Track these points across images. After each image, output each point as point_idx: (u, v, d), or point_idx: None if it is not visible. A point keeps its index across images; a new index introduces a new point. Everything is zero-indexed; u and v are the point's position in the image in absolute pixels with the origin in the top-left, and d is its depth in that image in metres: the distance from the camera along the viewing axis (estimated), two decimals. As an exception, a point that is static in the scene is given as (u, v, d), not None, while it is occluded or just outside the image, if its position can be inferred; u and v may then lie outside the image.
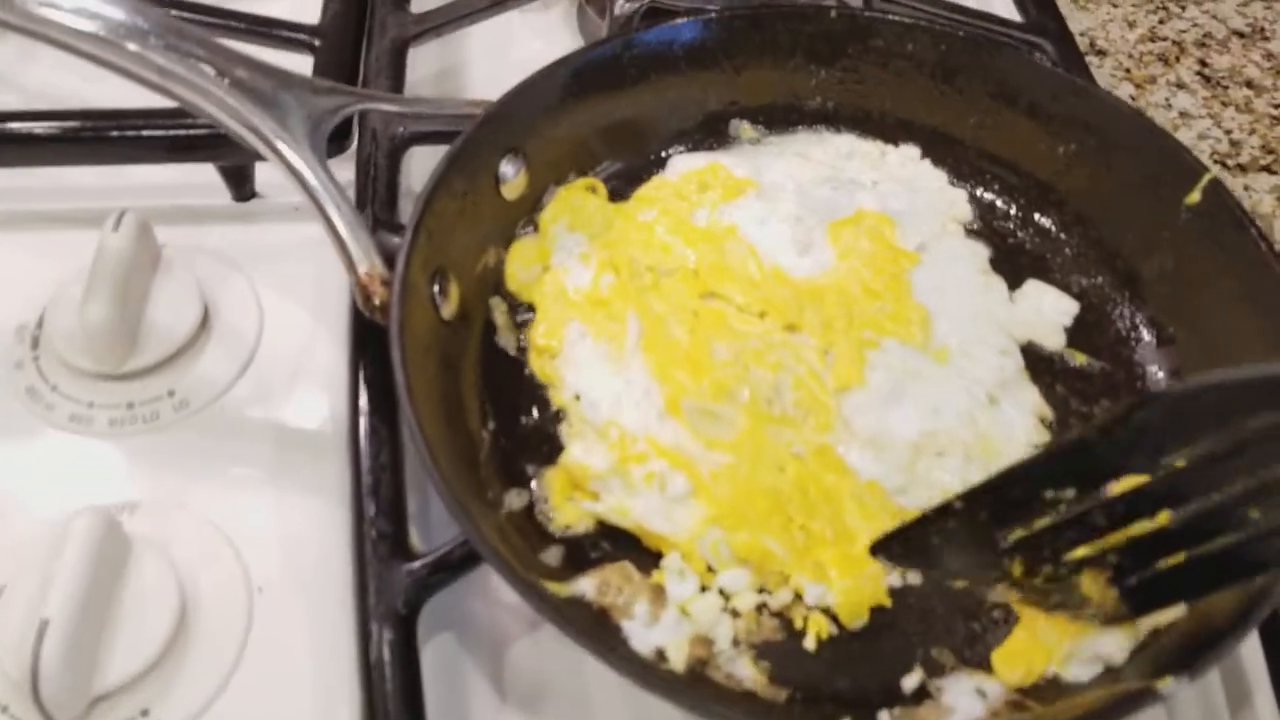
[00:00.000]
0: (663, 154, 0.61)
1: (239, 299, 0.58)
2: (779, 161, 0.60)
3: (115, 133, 0.58)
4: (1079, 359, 0.55)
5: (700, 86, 0.60)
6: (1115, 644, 0.43)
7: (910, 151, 0.61)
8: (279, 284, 0.58)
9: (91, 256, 0.53)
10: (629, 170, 0.60)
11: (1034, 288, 0.57)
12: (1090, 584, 0.42)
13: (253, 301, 0.58)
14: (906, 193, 0.59)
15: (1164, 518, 0.39)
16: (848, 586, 0.45)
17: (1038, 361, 0.54)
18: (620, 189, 0.59)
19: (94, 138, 0.58)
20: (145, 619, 0.45)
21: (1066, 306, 0.56)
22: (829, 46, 0.60)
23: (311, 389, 0.55)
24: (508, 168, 0.54)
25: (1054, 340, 0.55)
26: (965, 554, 0.43)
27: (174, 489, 0.51)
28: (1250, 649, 0.47)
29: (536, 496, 0.49)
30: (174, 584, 0.46)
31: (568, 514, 0.48)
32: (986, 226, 0.60)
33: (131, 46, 0.47)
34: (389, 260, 0.47)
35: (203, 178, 0.61)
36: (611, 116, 0.58)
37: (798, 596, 0.46)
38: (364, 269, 0.46)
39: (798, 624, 0.45)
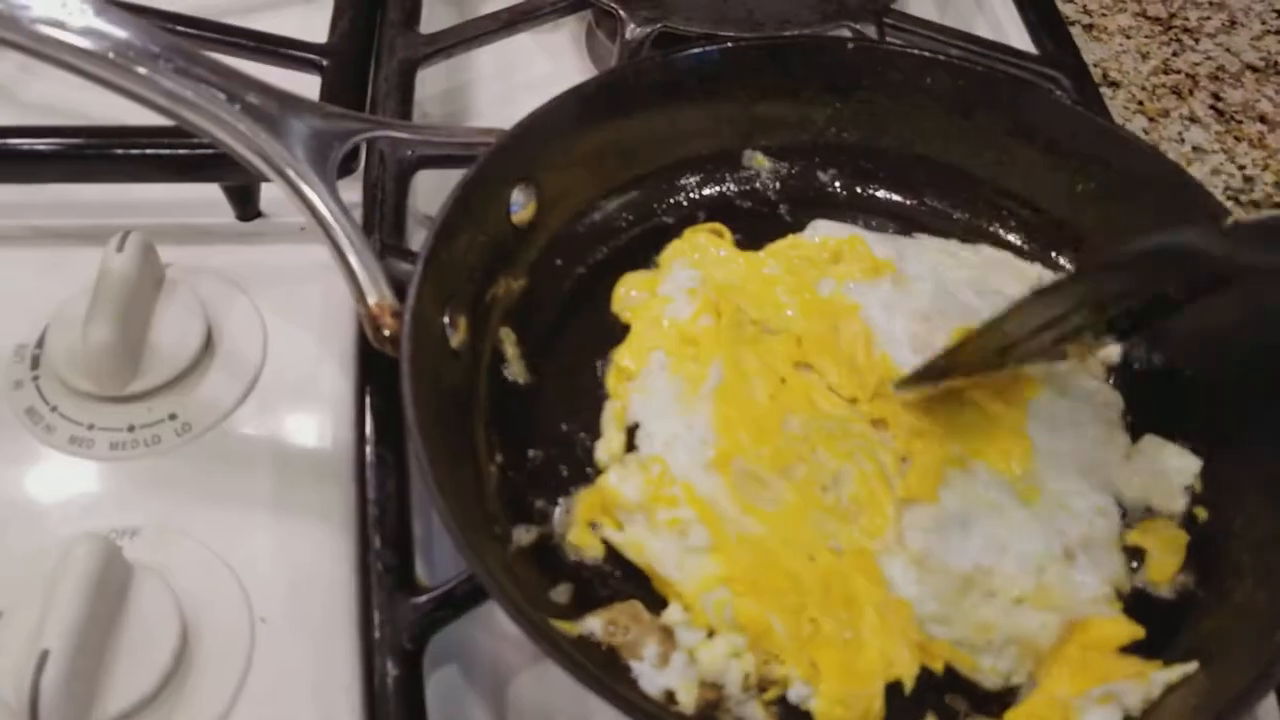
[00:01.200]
0: (678, 182, 0.61)
1: (243, 321, 0.57)
2: (924, 253, 0.58)
3: (120, 150, 0.58)
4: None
5: (714, 116, 0.60)
6: (1132, 698, 0.43)
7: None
8: (283, 305, 0.58)
9: (92, 275, 0.52)
10: (641, 200, 0.60)
11: (1151, 444, 0.52)
12: (1072, 349, 0.51)
13: (257, 323, 0.57)
14: None
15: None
16: (835, 697, 0.44)
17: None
18: (635, 220, 0.59)
19: (98, 155, 0.58)
20: (146, 648, 0.44)
21: (1188, 465, 0.51)
22: (845, 78, 0.60)
23: (315, 413, 0.54)
24: (519, 196, 0.53)
25: (1174, 504, 0.51)
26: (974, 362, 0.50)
27: (175, 515, 0.50)
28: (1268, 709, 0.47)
29: (556, 522, 0.48)
30: (175, 612, 0.45)
31: (584, 538, 0.48)
32: (1136, 378, 0.55)
33: (141, 70, 0.46)
34: (397, 287, 0.47)
35: (207, 196, 0.60)
36: (624, 145, 0.58)
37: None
38: (374, 300, 0.46)
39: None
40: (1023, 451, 0.50)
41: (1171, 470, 0.51)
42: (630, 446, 0.51)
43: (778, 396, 0.51)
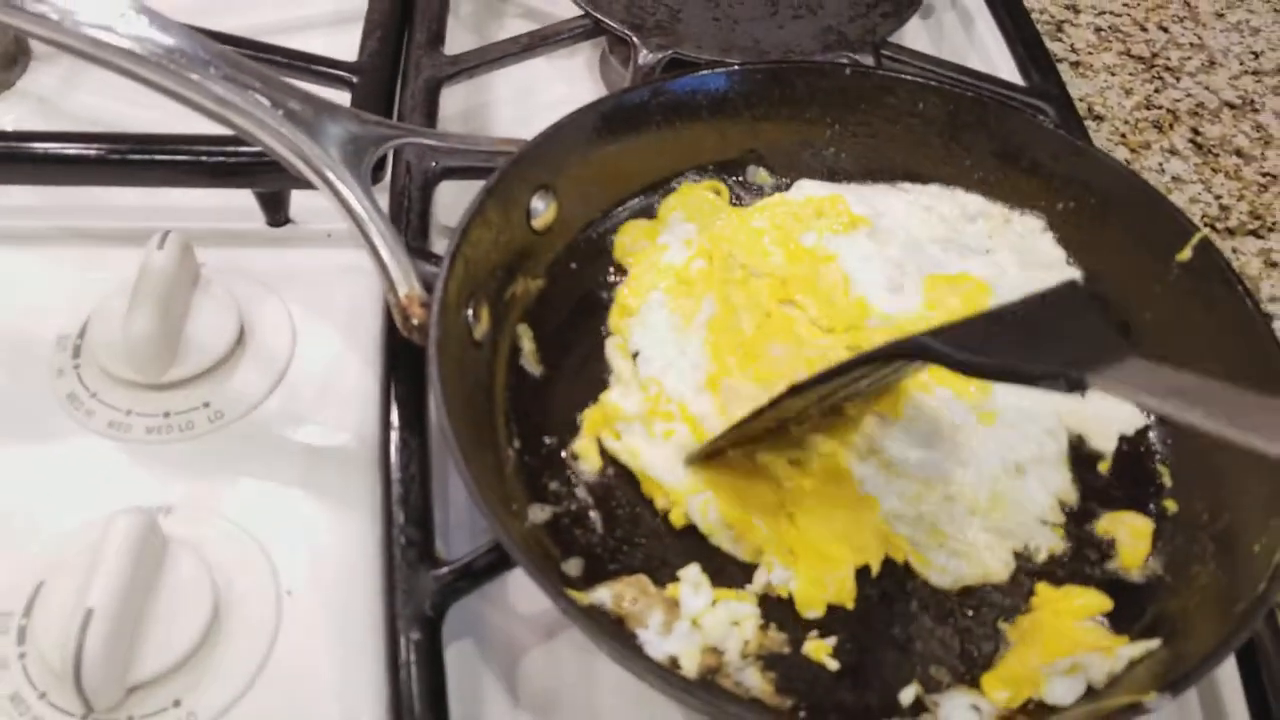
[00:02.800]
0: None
1: (273, 318, 0.60)
2: (900, 208, 0.62)
3: (159, 156, 0.61)
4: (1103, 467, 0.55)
5: (720, 133, 0.63)
6: (1097, 670, 0.46)
7: (1034, 223, 0.62)
8: (311, 306, 0.61)
9: (131, 273, 0.55)
10: (651, 210, 0.63)
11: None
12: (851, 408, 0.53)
13: (286, 321, 0.60)
14: (1017, 264, 0.60)
15: None
16: (812, 578, 0.48)
17: (1079, 456, 0.55)
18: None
19: (138, 161, 0.61)
20: (180, 615, 0.47)
21: (1129, 417, 0.56)
22: (844, 101, 0.63)
23: (340, 406, 0.57)
24: (538, 202, 0.57)
25: (1105, 444, 0.55)
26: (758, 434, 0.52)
27: (207, 495, 0.53)
28: (1228, 674, 0.50)
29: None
30: (208, 583, 0.48)
31: (587, 448, 0.52)
32: None
33: (193, 76, 0.50)
34: (425, 285, 0.50)
35: (239, 202, 0.63)
36: (637, 157, 0.61)
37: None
38: (404, 291, 0.49)
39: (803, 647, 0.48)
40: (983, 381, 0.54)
41: (1114, 417, 0.56)
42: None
43: (764, 327, 0.56)
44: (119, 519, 0.46)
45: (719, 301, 0.56)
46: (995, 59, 0.82)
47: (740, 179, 0.65)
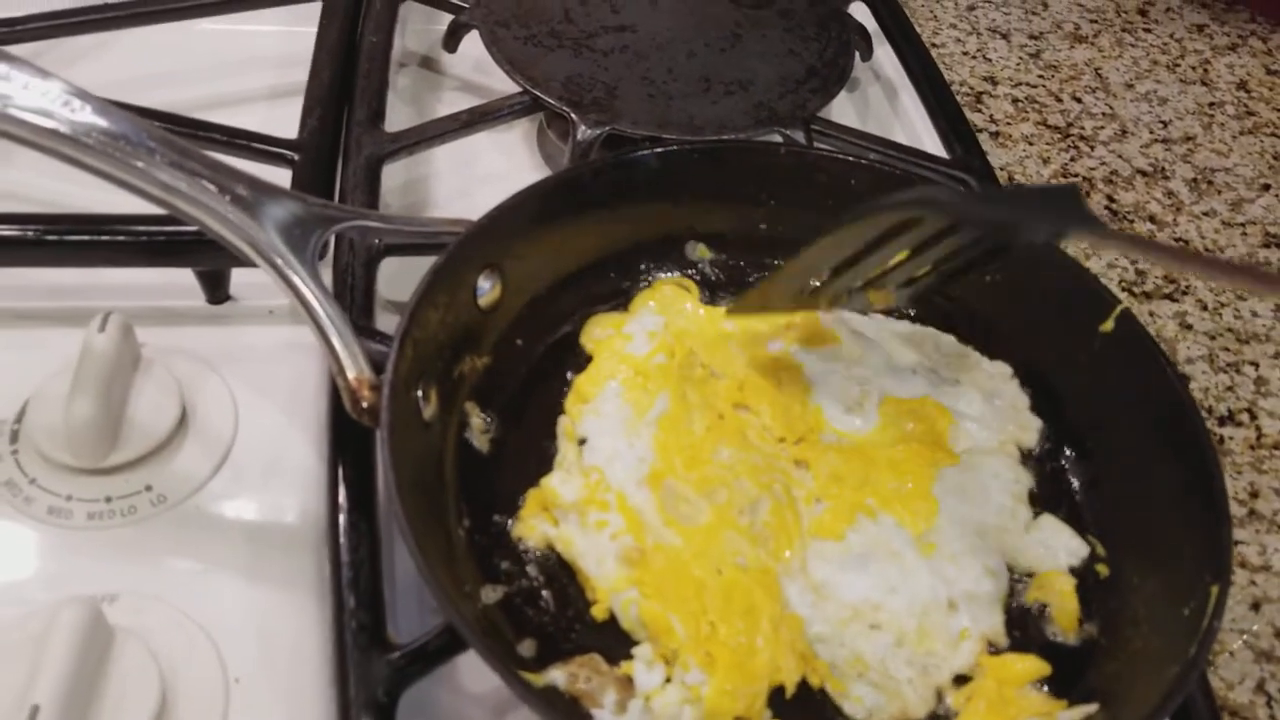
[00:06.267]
0: (636, 268, 0.66)
1: (215, 398, 0.60)
2: (874, 330, 0.63)
3: (97, 236, 0.60)
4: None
5: (659, 211, 0.65)
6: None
7: (1003, 368, 0.63)
8: (254, 385, 0.61)
9: (69, 354, 0.55)
10: (595, 285, 0.64)
11: (1049, 523, 0.56)
12: (874, 295, 0.59)
13: (228, 401, 0.60)
14: (983, 402, 0.61)
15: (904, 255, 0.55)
16: (725, 690, 0.47)
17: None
18: (590, 303, 0.63)
19: (76, 242, 0.60)
20: (127, 707, 0.46)
21: (1077, 548, 0.55)
22: (778, 179, 0.65)
23: (285, 486, 0.57)
24: (484, 282, 0.57)
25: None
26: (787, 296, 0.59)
27: (152, 581, 0.52)
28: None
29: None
30: (155, 673, 0.48)
31: (528, 530, 0.53)
32: (1044, 456, 0.60)
33: (138, 163, 0.50)
34: (372, 364, 0.51)
35: (179, 280, 0.63)
36: (579, 235, 0.62)
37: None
38: (353, 374, 0.50)
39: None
40: (929, 511, 0.55)
41: (1062, 549, 0.55)
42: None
43: (714, 429, 0.56)
44: (63, 610, 0.46)
45: (674, 398, 0.57)
46: (919, 131, 0.85)
47: (680, 255, 0.66)
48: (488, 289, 0.58)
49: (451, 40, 0.82)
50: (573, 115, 0.72)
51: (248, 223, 0.51)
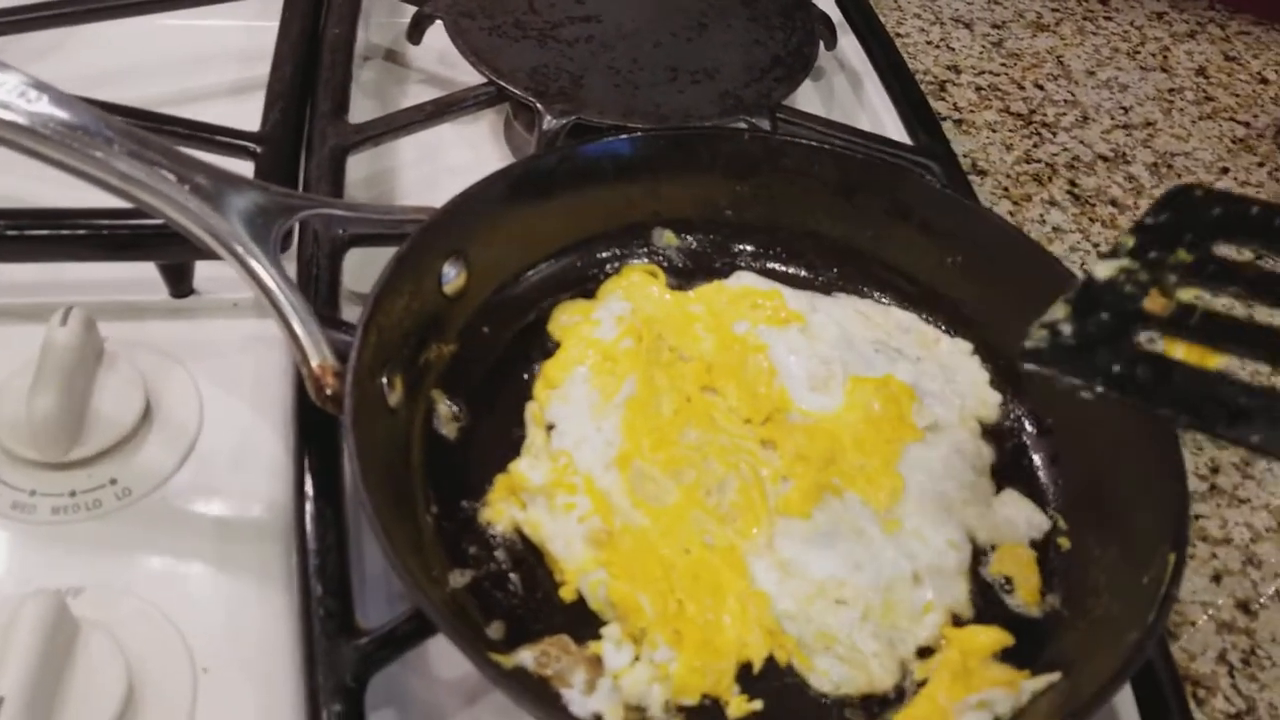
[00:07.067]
0: (602, 254, 0.66)
1: (179, 391, 0.60)
2: (837, 310, 0.63)
3: (58, 231, 0.60)
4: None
5: (626, 197, 0.65)
6: (1003, 706, 0.48)
7: (963, 345, 0.63)
8: (218, 378, 0.61)
9: (30, 350, 0.54)
10: (562, 271, 0.64)
11: (1010, 497, 0.57)
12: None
13: (193, 394, 0.60)
14: (943, 378, 0.61)
15: None
16: (693, 666, 0.48)
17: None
18: (557, 290, 0.63)
19: (37, 237, 0.60)
20: (93, 699, 0.46)
21: (1038, 521, 0.56)
22: (743, 165, 0.66)
23: (250, 477, 0.57)
24: (450, 269, 0.57)
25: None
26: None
27: (118, 574, 0.52)
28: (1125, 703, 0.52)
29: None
30: (121, 664, 0.47)
31: (496, 515, 0.53)
32: (1006, 433, 0.60)
33: (97, 153, 0.50)
34: (337, 353, 0.51)
35: (141, 274, 0.63)
36: (545, 222, 0.63)
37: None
38: (316, 362, 0.50)
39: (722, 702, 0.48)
40: (893, 488, 0.55)
41: (1023, 522, 0.56)
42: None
43: (682, 411, 0.57)
44: (28, 603, 0.45)
45: (641, 382, 0.57)
46: (884, 119, 0.85)
47: (646, 242, 0.67)
48: (453, 276, 0.58)
49: (415, 32, 0.82)
50: (538, 105, 0.72)
51: (208, 212, 0.51)
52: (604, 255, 0.66)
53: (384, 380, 0.52)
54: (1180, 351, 0.43)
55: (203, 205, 0.51)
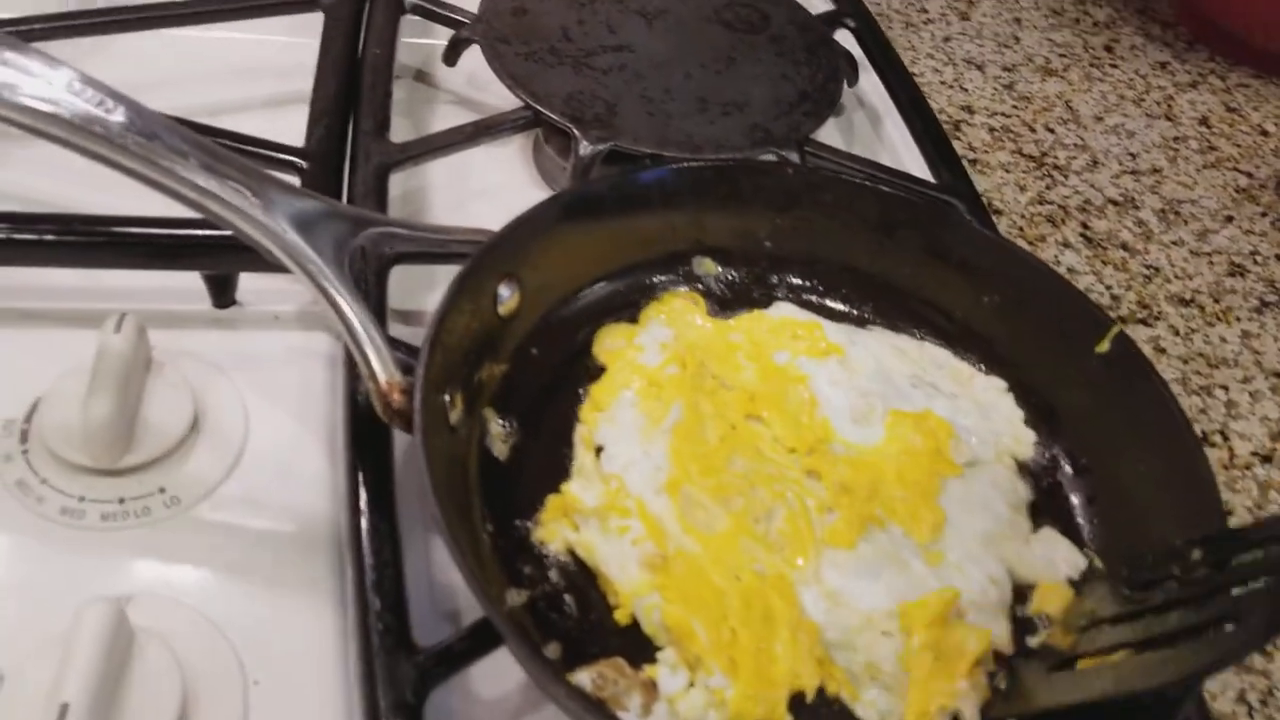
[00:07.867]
0: (646, 281, 0.67)
1: (226, 402, 0.60)
2: (874, 343, 0.64)
3: (104, 238, 0.60)
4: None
5: (669, 225, 0.66)
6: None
7: (997, 383, 0.64)
8: (262, 389, 0.61)
9: (77, 355, 0.55)
10: (608, 296, 0.65)
11: (1048, 535, 0.58)
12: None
13: (239, 405, 0.60)
14: (979, 415, 0.62)
15: None
16: (748, 694, 0.48)
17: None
18: (604, 314, 0.64)
19: (87, 243, 0.60)
20: (149, 708, 0.46)
21: (1076, 560, 0.57)
22: (784, 198, 0.67)
23: (296, 490, 0.57)
24: (504, 290, 0.58)
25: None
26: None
27: (168, 583, 0.53)
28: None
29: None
30: (177, 675, 0.47)
31: (549, 534, 0.54)
32: (1041, 472, 0.61)
33: (174, 167, 0.50)
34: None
35: (183, 284, 0.63)
36: (592, 247, 0.63)
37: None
38: (384, 378, 0.50)
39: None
40: (935, 521, 0.56)
41: (1060, 561, 0.57)
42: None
43: (727, 439, 0.57)
44: (88, 610, 0.45)
45: (687, 408, 0.58)
46: (903, 156, 0.87)
47: (687, 269, 0.68)
48: (507, 297, 0.59)
49: (452, 54, 0.83)
50: (575, 131, 0.73)
51: (285, 228, 0.51)
52: (647, 282, 0.66)
53: (446, 397, 0.52)
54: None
55: (278, 221, 0.51)
